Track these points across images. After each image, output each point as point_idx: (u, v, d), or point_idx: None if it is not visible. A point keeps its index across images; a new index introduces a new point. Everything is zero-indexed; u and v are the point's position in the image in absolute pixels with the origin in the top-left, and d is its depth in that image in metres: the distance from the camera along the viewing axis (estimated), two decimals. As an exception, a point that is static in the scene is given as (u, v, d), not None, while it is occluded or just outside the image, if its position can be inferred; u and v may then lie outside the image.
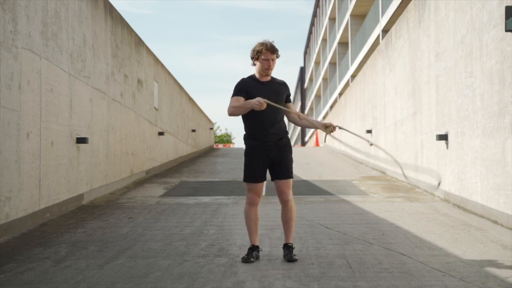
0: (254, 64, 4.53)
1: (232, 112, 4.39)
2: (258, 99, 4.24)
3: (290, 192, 4.52)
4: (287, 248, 4.46)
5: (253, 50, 4.50)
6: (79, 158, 7.49)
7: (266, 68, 4.47)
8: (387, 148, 11.86)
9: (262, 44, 4.47)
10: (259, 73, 4.53)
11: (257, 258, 4.47)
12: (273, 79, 4.59)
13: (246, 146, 4.58)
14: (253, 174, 4.50)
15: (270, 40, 4.53)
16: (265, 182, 4.56)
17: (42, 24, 6.23)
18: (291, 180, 4.53)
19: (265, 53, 4.44)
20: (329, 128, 4.59)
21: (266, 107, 4.28)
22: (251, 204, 4.53)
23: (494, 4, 5.86)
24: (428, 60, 8.52)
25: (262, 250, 4.64)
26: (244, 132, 4.61)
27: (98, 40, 8.47)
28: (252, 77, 4.56)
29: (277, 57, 4.51)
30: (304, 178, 11.12)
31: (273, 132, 4.47)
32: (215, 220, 6.47)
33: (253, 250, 4.46)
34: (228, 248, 4.94)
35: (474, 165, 6.56)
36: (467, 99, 6.75)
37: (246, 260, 4.39)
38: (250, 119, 4.51)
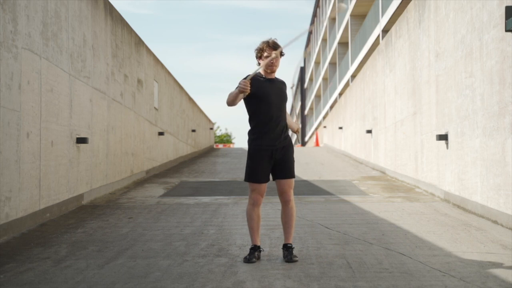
0: (259, 64, 4.51)
1: (227, 101, 4.46)
2: (242, 80, 4.31)
3: (292, 192, 4.53)
4: (287, 248, 4.45)
5: (257, 49, 4.52)
6: (79, 158, 7.49)
7: (270, 65, 4.46)
8: (387, 148, 11.86)
9: (264, 41, 4.50)
10: (264, 71, 4.52)
11: (258, 258, 4.46)
12: (275, 78, 4.61)
13: (250, 146, 4.50)
14: (257, 175, 4.46)
15: (273, 38, 4.54)
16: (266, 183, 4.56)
17: (42, 24, 6.23)
18: (293, 180, 4.54)
19: (267, 50, 4.45)
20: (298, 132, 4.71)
21: (269, 100, 4.42)
22: (254, 205, 4.51)
23: (494, 4, 5.86)
24: (428, 60, 8.52)
25: (263, 251, 4.63)
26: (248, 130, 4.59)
27: (98, 40, 8.47)
28: (258, 74, 4.52)
29: (281, 54, 4.48)
30: (304, 178, 11.12)
31: (278, 132, 4.46)
32: (215, 220, 6.47)
33: (255, 250, 4.46)
34: (228, 248, 4.94)
35: (474, 165, 6.56)
36: (467, 99, 6.75)
37: (249, 260, 4.38)
38: (256, 118, 4.47)
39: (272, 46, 4.45)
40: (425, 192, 8.72)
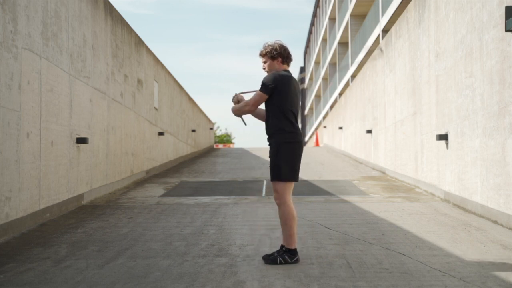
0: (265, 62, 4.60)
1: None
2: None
3: (277, 195, 4.35)
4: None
5: (273, 49, 4.55)
6: (79, 158, 7.49)
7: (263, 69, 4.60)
8: (387, 148, 11.87)
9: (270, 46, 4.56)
10: None
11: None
12: None
13: None
14: None
15: (271, 41, 4.58)
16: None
17: (42, 24, 6.23)
18: (275, 183, 4.34)
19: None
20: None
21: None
22: None
23: (494, 4, 5.86)
24: (428, 60, 8.52)
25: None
26: None
27: (98, 40, 8.47)
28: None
29: (272, 58, 4.48)
30: (304, 178, 11.12)
31: (266, 131, 4.54)
32: (215, 220, 6.47)
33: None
34: (228, 248, 4.94)
35: (474, 165, 6.56)
36: (467, 99, 6.75)
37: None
38: None
39: (260, 54, 4.56)
40: (425, 192, 8.72)
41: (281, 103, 4.37)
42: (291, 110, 4.40)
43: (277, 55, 4.47)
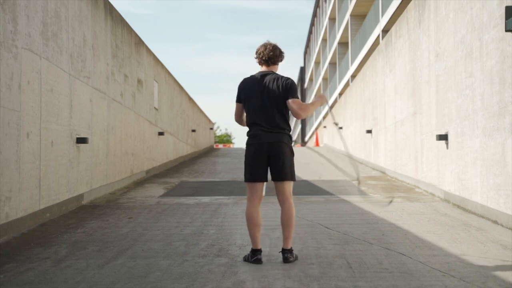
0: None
1: (306, 113, 4.56)
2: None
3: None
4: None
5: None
6: (79, 158, 7.49)
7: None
8: (387, 148, 11.87)
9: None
10: None
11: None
12: None
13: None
14: None
15: (269, 41, 4.66)
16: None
17: (42, 24, 6.23)
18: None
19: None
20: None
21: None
22: None
23: (494, 4, 5.87)
24: (428, 60, 8.52)
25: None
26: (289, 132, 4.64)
27: (98, 40, 8.47)
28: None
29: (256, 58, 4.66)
30: (304, 178, 11.12)
31: None
32: (215, 220, 6.47)
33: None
34: (228, 248, 4.94)
35: (474, 165, 6.56)
36: (467, 99, 6.75)
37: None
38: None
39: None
40: (425, 192, 8.72)
41: (245, 107, 4.54)
42: (252, 111, 4.47)
43: (255, 56, 4.65)
